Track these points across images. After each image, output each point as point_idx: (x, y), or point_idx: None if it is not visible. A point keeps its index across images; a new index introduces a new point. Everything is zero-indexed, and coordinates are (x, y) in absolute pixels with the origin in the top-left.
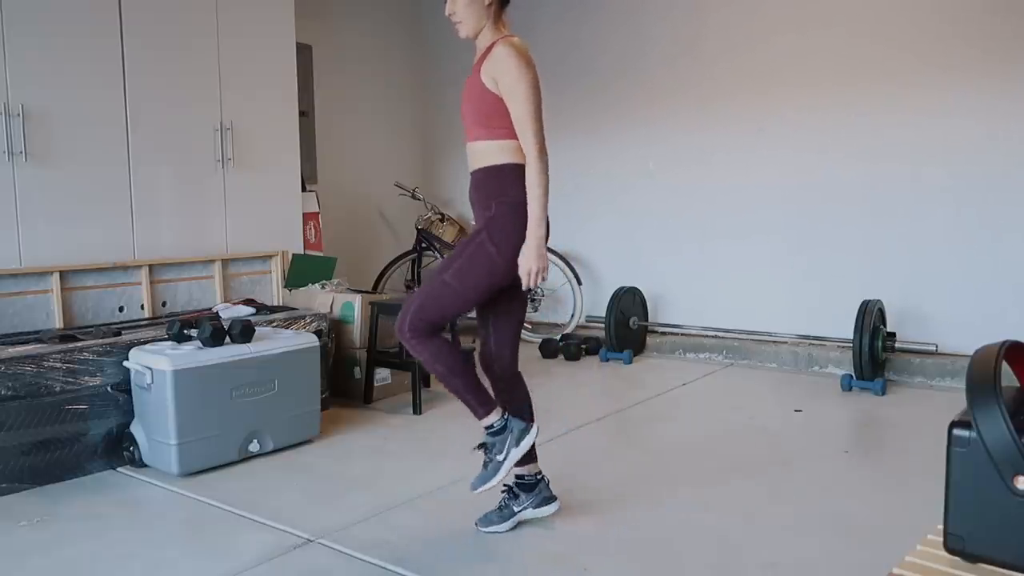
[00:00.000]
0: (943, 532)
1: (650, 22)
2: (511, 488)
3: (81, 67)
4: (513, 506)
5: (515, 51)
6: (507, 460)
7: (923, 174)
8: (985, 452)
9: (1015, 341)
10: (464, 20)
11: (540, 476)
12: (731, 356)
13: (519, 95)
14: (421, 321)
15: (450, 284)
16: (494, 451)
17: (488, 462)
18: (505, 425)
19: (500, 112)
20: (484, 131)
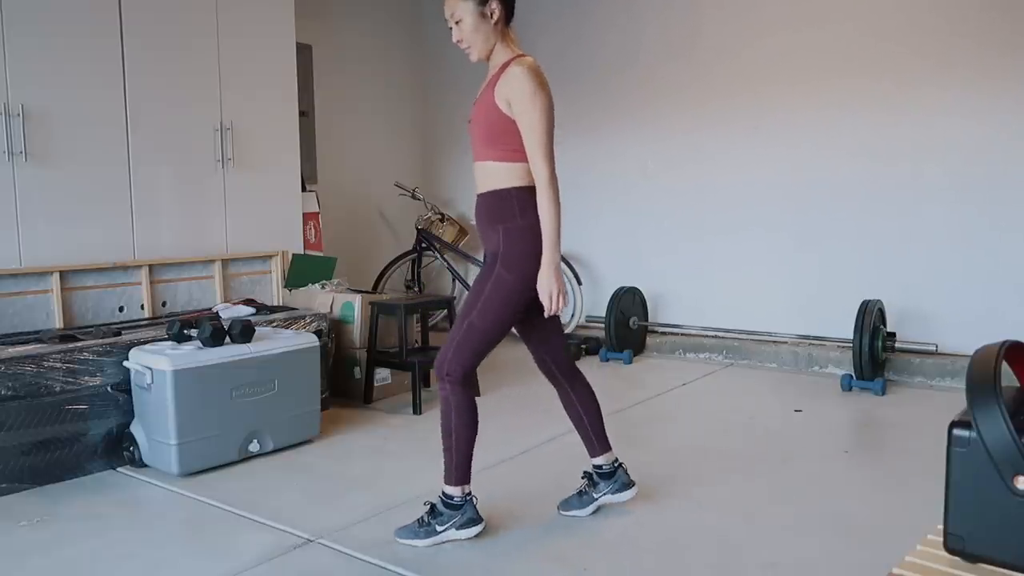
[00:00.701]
0: (943, 532)
1: (647, 21)
2: (591, 476)
3: (81, 67)
4: (593, 493)
5: (530, 72)
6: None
7: (922, 173)
8: (985, 452)
9: (1015, 341)
10: (473, 44)
11: (617, 463)
12: (731, 356)
13: (532, 118)
14: (459, 366)
15: (477, 326)
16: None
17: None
18: (463, 503)
19: (511, 133)
20: (493, 152)
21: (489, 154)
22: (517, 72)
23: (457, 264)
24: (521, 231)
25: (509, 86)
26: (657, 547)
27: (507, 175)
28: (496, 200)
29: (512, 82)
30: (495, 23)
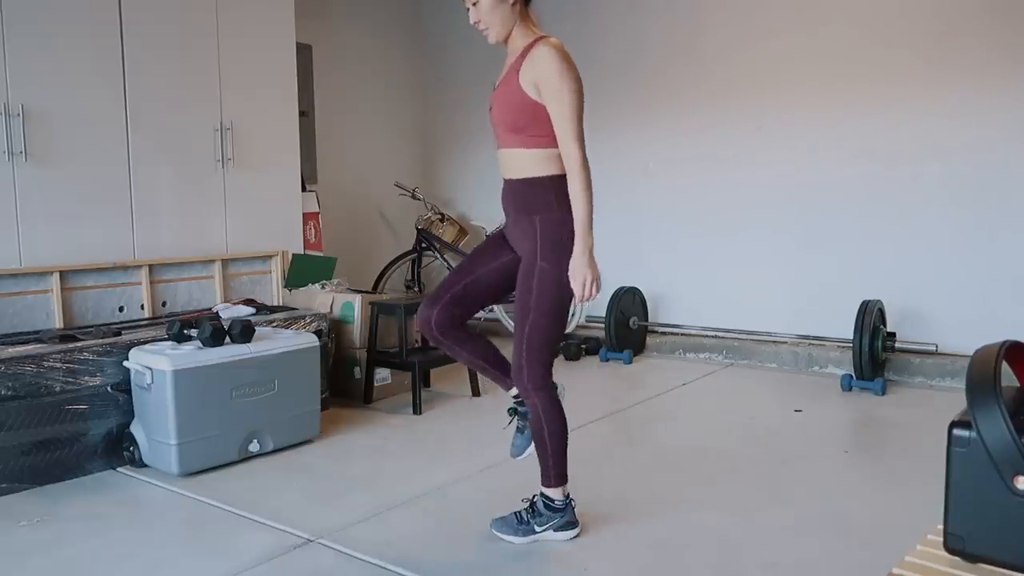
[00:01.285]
0: (943, 532)
1: (648, 22)
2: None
3: (81, 67)
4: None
5: (557, 53)
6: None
7: (923, 174)
8: (985, 452)
9: (1015, 341)
10: (491, 25)
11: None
12: (731, 356)
13: (562, 101)
14: (540, 367)
15: (540, 323)
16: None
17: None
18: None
19: (539, 119)
20: (520, 139)
21: (516, 140)
22: (544, 53)
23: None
24: (560, 222)
25: (536, 68)
26: (657, 547)
27: (539, 162)
28: (528, 188)
29: (539, 64)
30: (513, 3)
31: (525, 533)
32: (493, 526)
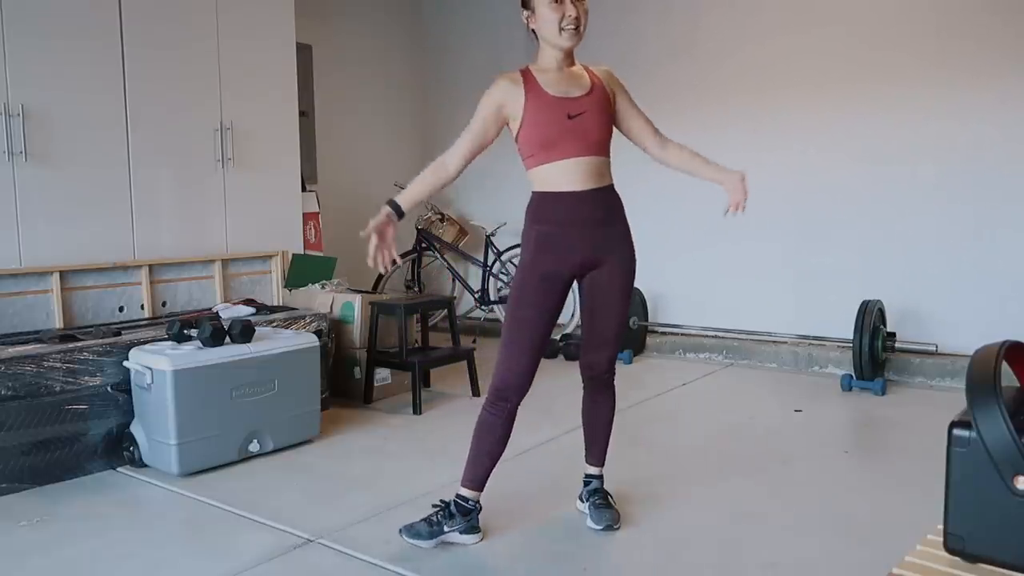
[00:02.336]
0: (943, 532)
1: (646, 23)
2: (447, 506)
3: (81, 67)
4: (444, 525)
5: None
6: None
7: (922, 173)
8: (985, 452)
9: (1015, 341)
10: (584, 25)
11: (479, 505)
12: (731, 356)
13: (637, 105)
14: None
15: (625, 320)
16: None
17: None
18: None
19: (612, 127)
20: (604, 150)
21: (604, 149)
22: (612, 71)
23: (457, 264)
24: (627, 224)
25: (611, 77)
26: (657, 547)
27: (609, 171)
28: (614, 197)
29: (611, 73)
30: None
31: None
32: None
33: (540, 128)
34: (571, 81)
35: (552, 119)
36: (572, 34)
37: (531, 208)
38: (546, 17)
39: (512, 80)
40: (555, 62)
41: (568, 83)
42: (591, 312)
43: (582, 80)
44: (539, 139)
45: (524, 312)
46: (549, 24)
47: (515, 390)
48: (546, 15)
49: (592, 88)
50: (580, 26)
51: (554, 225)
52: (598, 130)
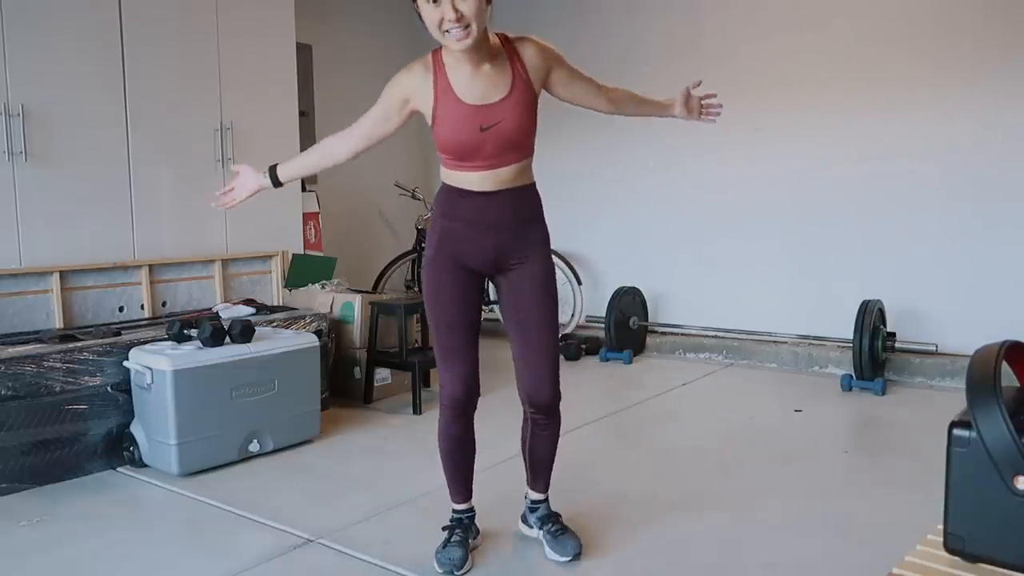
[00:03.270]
0: (943, 532)
1: (647, 23)
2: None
3: (81, 67)
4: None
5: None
6: None
7: (922, 173)
8: (985, 452)
9: (1015, 341)
10: (478, 23)
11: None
12: (731, 356)
13: (574, 67)
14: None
15: (557, 330)
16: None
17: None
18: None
19: (535, 125)
20: (523, 153)
21: (518, 156)
22: (532, 40)
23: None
24: (544, 224)
25: (543, 54)
26: (657, 547)
27: (529, 170)
28: (529, 197)
29: (542, 48)
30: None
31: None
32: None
33: (450, 136)
34: (488, 81)
35: (462, 128)
36: (459, 36)
37: (439, 200)
38: (426, 18)
39: (424, 71)
40: (466, 58)
41: (485, 84)
42: (516, 325)
43: (502, 76)
44: (450, 147)
45: (442, 311)
46: (429, 23)
47: (462, 397)
48: (425, 16)
49: (512, 86)
50: (470, 24)
51: (460, 222)
52: (516, 136)
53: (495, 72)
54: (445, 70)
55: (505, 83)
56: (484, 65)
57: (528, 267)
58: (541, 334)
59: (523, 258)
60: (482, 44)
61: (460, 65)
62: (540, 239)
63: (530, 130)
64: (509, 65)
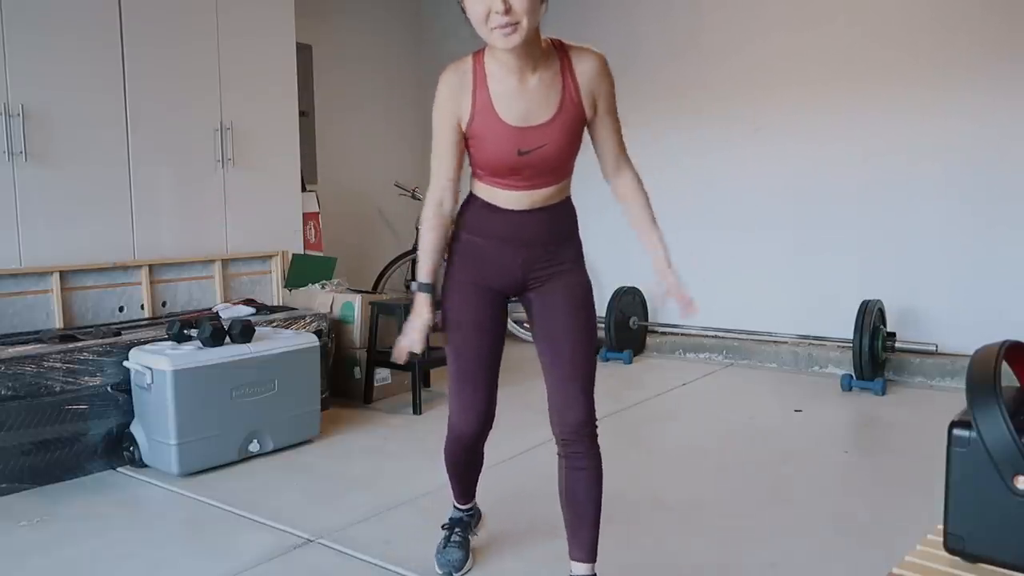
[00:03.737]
0: (943, 532)
1: (646, 22)
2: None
3: (81, 67)
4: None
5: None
6: None
7: (922, 173)
8: (985, 452)
9: (1015, 341)
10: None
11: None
12: (731, 356)
13: (617, 115)
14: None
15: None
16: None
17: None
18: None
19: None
20: (563, 174)
21: (561, 176)
22: (601, 60)
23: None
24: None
25: (602, 74)
26: (657, 547)
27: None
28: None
29: (603, 67)
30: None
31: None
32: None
33: (484, 155)
34: (533, 98)
35: (499, 149)
36: (507, 32)
37: (465, 214)
38: (470, 11)
39: (460, 78)
40: (511, 66)
41: (529, 101)
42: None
43: (550, 92)
44: (483, 164)
45: (461, 334)
46: (474, 18)
47: (472, 429)
48: (469, 9)
49: (560, 105)
50: (520, 20)
51: (489, 239)
52: (557, 161)
53: (542, 87)
54: (487, 80)
55: (553, 101)
56: (531, 77)
57: (561, 280)
58: (576, 348)
59: (555, 273)
60: (532, 47)
61: (504, 76)
62: (574, 255)
63: (573, 153)
64: (560, 78)
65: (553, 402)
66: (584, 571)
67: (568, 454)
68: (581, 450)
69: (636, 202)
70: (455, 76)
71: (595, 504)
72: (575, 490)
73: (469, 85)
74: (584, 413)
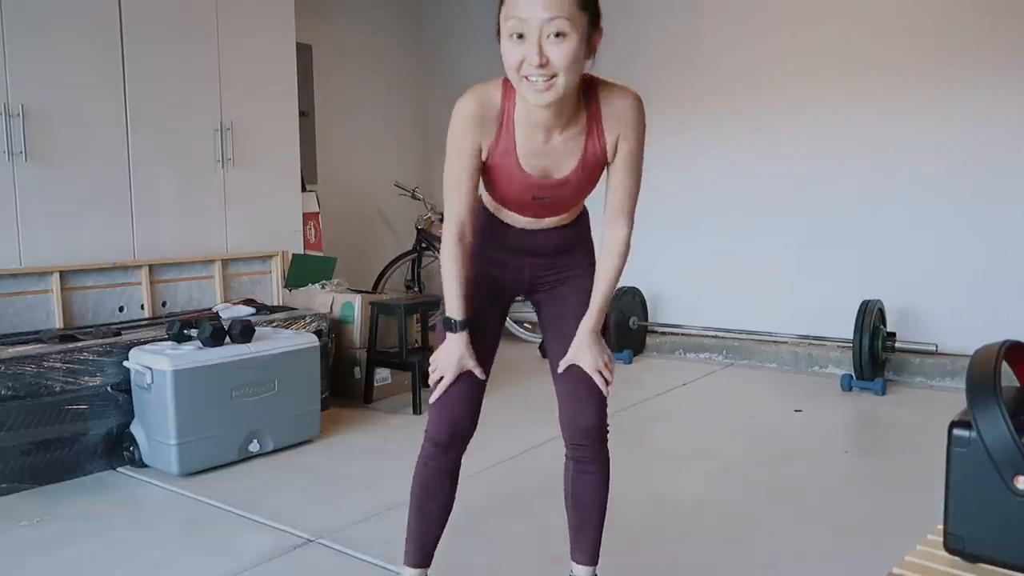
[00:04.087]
0: (943, 532)
1: (646, 23)
2: None
3: (81, 67)
4: None
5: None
6: None
7: (922, 173)
8: (985, 452)
9: (1015, 341)
10: (571, 76)
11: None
12: (731, 356)
13: (641, 165)
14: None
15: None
16: None
17: None
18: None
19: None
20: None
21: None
22: (637, 104)
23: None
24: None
25: (628, 125)
26: (657, 547)
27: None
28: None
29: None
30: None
31: None
32: None
33: (496, 187)
34: (557, 155)
35: (513, 189)
36: (541, 87)
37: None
38: (504, 56)
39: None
40: (540, 120)
41: (552, 158)
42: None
43: (574, 146)
44: (493, 191)
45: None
46: (508, 67)
47: (453, 436)
48: (504, 53)
49: (582, 161)
50: (557, 74)
51: (490, 242)
52: (572, 202)
53: (568, 141)
54: (514, 120)
55: (575, 155)
56: (558, 134)
57: (572, 284)
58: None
59: (565, 278)
60: (566, 105)
61: (532, 125)
62: (585, 260)
63: (591, 190)
64: (585, 132)
65: (564, 405)
66: (585, 574)
67: (577, 457)
68: (590, 454)
69: (607, 263)
70: (481, 107)
71: (600, 508)
72: (581, 493)
73: (495, 122)
74: (596, 417)
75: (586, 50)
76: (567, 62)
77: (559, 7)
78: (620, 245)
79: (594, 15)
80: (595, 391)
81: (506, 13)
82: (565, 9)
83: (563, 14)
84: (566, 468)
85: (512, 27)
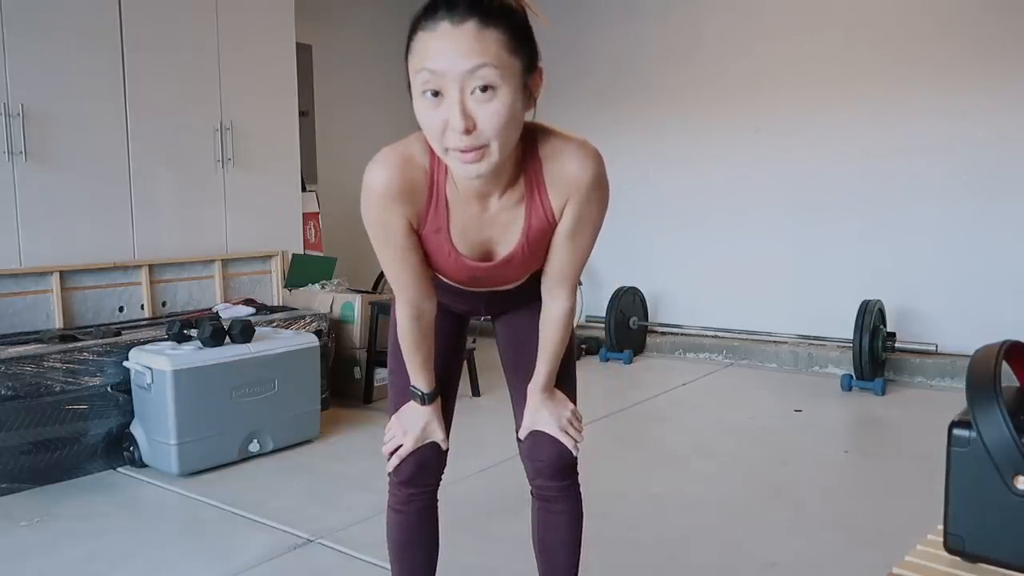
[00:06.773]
0: (943, 532)
1: (647, 24)
2: None
3: (81, 67)
4: None
5: (602, 163)
6: None
7: (921, 173)
8: (985, 452)
9: (1015, 341)
10: (506, 137)
11: None
12: (731, 356)
13: (594, 233)
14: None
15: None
16: None
17: None
18: None
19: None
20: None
21: (523, 278)
22: (593, 163)
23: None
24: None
25: (582, 183)
26: (657, 547)
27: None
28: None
29: (589, 177)
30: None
31: None
32: None
33: (432, 262)
34: (495, 227)
35: (451, 271)
36: (468, 159)
37: None
38: (419, 117)
39: (408, 182)
40: (472, 189)
41: (490, 234)
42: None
43: (513, 219)
44: (432, 266)
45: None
46: (428, 133)
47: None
48: (417, 113)
49: (524, 236)
50: (488, 144)
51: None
52: (518, 277)
53: (507, 212)
54: (446, 191)
55: (518, 225)
56: (496, 200)
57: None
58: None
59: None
60: (502, 172)
61: (463, 198)
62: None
63: (539, 266)
64: (526, 195)
65: (523, 434)
66: None
67: (541, 495)
68: (556, 490)
69: (549, 334)
70: (402, 178)
71: (573, 551)
72: (548, 537)
73: (422, 193)
74: (560, 445)
75: (524, 101)
76: (500, 123)
77: (482, 51)
78: (561, 319)
79: (529, 55)
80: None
81: (415, 64)
82: (491, 53)
83: (489, 60)
84: (532, 508)
85: (424, 82)
